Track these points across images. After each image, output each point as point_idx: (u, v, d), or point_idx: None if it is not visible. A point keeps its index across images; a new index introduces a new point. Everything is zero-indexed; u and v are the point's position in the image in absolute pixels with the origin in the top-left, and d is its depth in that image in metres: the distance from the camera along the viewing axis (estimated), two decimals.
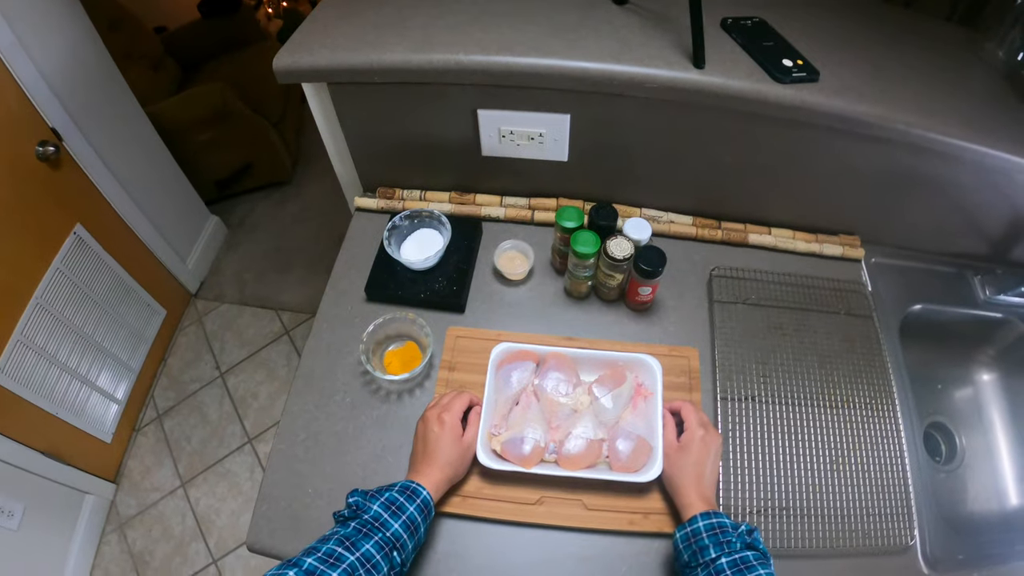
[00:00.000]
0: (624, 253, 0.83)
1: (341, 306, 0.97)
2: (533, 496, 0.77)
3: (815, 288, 0.98)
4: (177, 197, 2.12)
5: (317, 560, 0.57)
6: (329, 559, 0.58)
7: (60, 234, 1.57)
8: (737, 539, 0.63)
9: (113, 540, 1.75)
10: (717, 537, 0.63)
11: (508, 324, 0.94)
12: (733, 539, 0.63)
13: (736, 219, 1.05)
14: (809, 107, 0.81)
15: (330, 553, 0.58)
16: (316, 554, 0.58)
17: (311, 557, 0.58)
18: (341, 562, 0.58)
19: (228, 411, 1.97)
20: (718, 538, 0.63)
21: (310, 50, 0.87)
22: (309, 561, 0.57)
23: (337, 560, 0.58)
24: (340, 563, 0.57)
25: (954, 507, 1.00)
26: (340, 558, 0.58)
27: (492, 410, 0.80)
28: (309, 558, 0.57)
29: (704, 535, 0.64)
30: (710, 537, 0.63)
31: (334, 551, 0.59)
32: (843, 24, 0.97)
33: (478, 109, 0.91)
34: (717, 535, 0.63)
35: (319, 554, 0.58)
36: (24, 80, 1.41)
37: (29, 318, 1.46)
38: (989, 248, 1.04)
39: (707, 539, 0.63)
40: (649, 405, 0.79)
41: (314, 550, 0.59)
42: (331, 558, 0.58)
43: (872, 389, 0.89)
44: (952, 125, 0.83)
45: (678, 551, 0.66)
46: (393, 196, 1.08)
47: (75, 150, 1.59)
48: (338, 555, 0.58)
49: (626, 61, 0.82)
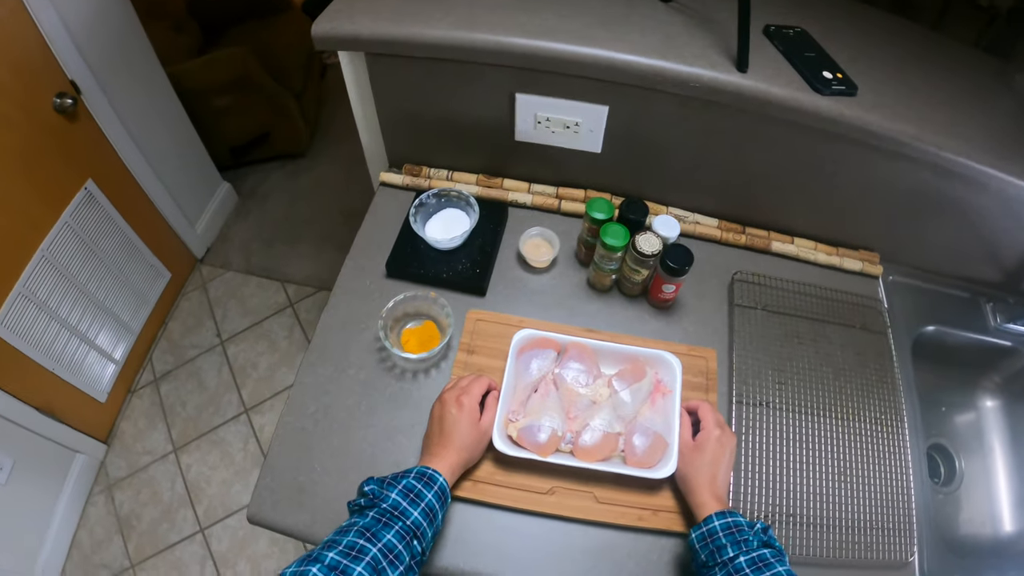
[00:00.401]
0: (653, 249, 0.83)
1: (359, 280, 0.96)
2: (545, 485, 0.77)
3: (833, 301, 0.98)
4: (191, 161, 2.10)
5: (339, 554, 0.55)
6: (351, 552, 0.56)
7: (71, 188, 1.55)
8: (754, 537, 0.63)
9: (100, 501, 1.74)
10: (734, 536, 0.63)
11: (529, 311, 0.93)
12: (750, 537, 0.63)
13: (760, 225, 1.05)
14: (846, 120, 0.82)
15: (352, 546, 0.57)
16: (337, 548, 0.56)
17: (332, 551, 0.56)
18: (364, 555, 0.56)
19: (226, 379, 1.95)
20: (735, 537, 0.63)
21: (351, 17, 0.86)
22: (331, 556, 0.55)
23: (360, 553, 0.56)
24: (363, 556, 0.56)
25: (950, 529, 1.01)
26: (363, 550, 0.56)
27: (510, 396, 0.79)
28: (331, 552, 0.55)
29: (721, 534, 0.64)
30: (727, 536, 0.63)
31: (356, 543, 0.57)
32: (878, 42, 0.98)
33: (516, 93, 0.91)
34: (734, 534, 0.63)
35: (340, 547, 0.56)
36: (47, 29, 1.38)
37: (33, 271, 1.45)
38: (1004, 276, 1.05)
39: (724, 538, 0.63)
40: (667, 402, 0.79)
41: (334, 543, 0.57)
42: (353, 551, 0.56)
43: (882, 405, 0.90)
44: (980, 151, 0.84)
45: (694, 551, 0.66)
46: (419, 174, 1.07)
47: (92, 105, 1.57)
48: (360, 547, 0.56)
49: (671, 58, 0.81)
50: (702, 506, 0.69)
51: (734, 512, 0.67)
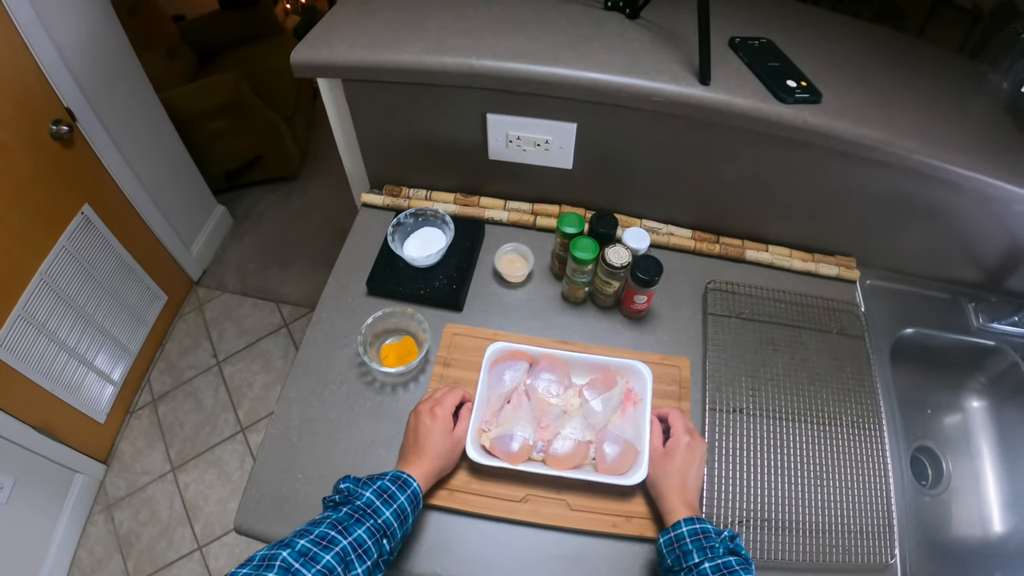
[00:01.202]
0: (622, 261, 0.85)
1: (342, 298, 0.98)
2: (519, 493, 0.78)
3: (809, 307, 0.99)
4: (185, 184, 2.14)
5: (309, 542, 0.57)
6: (322, 541, 0.58)
7: (68, 213, 1.59)
8: (720, 544, 0.64)
9: (100, 521, 1.76)
10: (700, 542, 0.64)
11: (505, 325, 0.95)
12: (716, 544, 0.64)
13: (734, 235, 1.06)
14: (810, 127, 0.83)
15: (323, 536, 0.59)
16: (308, 536, 0.58)
17: (303, 539, 0.58)
18: (334, 545, 0.58)
19: (223, 399, 1.97)
20: (701, 543, 0.64)
21: (328, 46, 0.89)
22: (302, 543, 0.57)
23: (330, 543, 0.58)
24: (333, 546, 0.58)
25: (937, 531, 1.01)
26: (333, 541, 0.58)
27: (484, 406, 0.81)
28: (302, 540, 0.57)
29: (688, 540, 0.65)
30: (693, 542, 0.64)
31: (327, 534, 0.59)
32: (850, 49, 0.99)
33: (487, 113, 0.93)
34: (700, 540, 0.64)
35: (311, 536, 0.58)
36: (42, 57, 1.42)
37: (32, 294, 1.48)
38: (984, 276, 1.05)
39: (690, 544, 0.64)
40: (638, 411, 0.81)
41: (306, 532, 0.59)
42: (323, 540, 0.58)
43: (860, 408, 0.90)
44: (953, 152, 0.84)
45: (661, 556, 0.67)
46: (399, 194, 1.10)
47: (88, 131, 1.61)
48: (331, 538, 0.59)
49: (634, 74, 0.83)
50: (671, 512, 0.70)
51: (703, 519, 0.68)
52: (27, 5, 1.36)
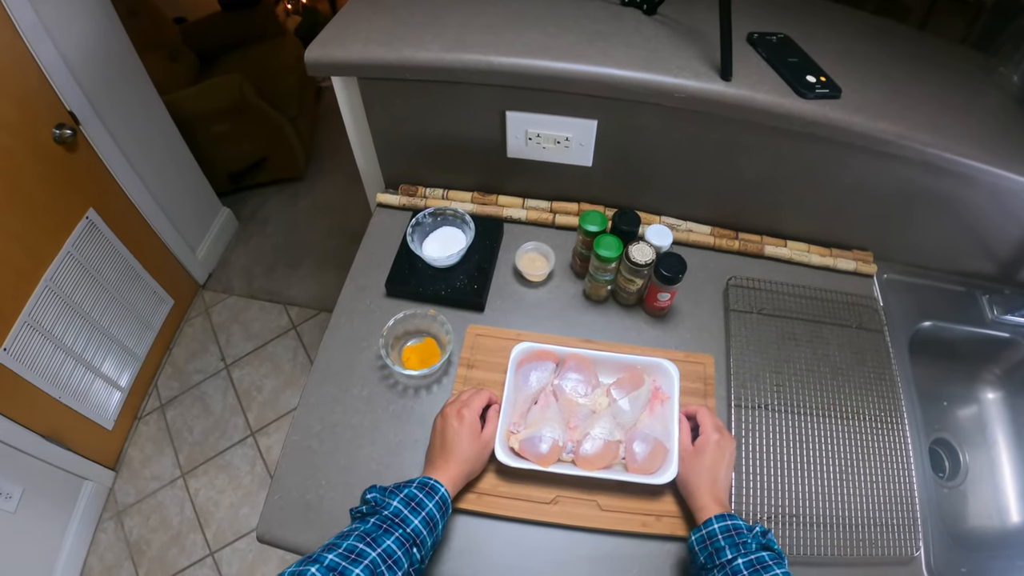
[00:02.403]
0: (646, 258, 0.85)
1: (360, 300, 0.97)
2: (548, 495, 0.78)
3: (828, 301, 0.99)
4: (190, 187, 2.12)
5: (338, 556, 0.56)
6: (351, 555, 0.57)
7: (73, 218, 1.57)
8: (752, 540, 0.63)
9: (110, 528, 1.75)
10: (733, 539, 0.64)
11: (527, 324, 0.94)
12: (748, 540, 0.63)
13: (753, 230, 1.06)
14: (831, 123, 0.83)
15: (351, 549, 0.58)
16: (337, 550, 0.57)
17: (332, 553, 0.57)
18: (363, 558, 0.57)
19: (232, 403, 1.96)
20: (734, 539, 0.64)
21: (342, 44, 0.88)
22: (330, 557, 0.56)
23: (359, 556, 0.57)
24: (362, 559, 0.57)
25: (956, 522, 1.01)
26: (362, 554, 0.57)
27: (511, 408, 0.80)
28: (330, 554, 0.57)
29: (720, 537, 0.64)
30: (726, 539, 0.64)
31: (355, 547, 0.58)
32: (862, 42, 0.99)
33: (506, 111, 0.93)
34: (732, 536, 0.64)
35: (340, 550, 0.57)
36: (44, 62, 1.41)
37: (37, 300, 1.46)
38: (998, 268, 1.05)
39: (723, 540, 0.64)
40: (666, 409, 0.80)
41: (334, 546, 0.58)
42: (352, 554, 0.57)
43: (882, 402, 0.90)
44: (967, 146, 0.85)
45: (693, 553, 0.67)
46: (415, 194, 1.09)
47: (91, 135, 1.59)
48: (360, 551, 0.58)
49: (656, 70, 0.83)
50: (703, 509, 0.70)
51: (734, 515, 0.67)
52: (29, 9, 1.35)
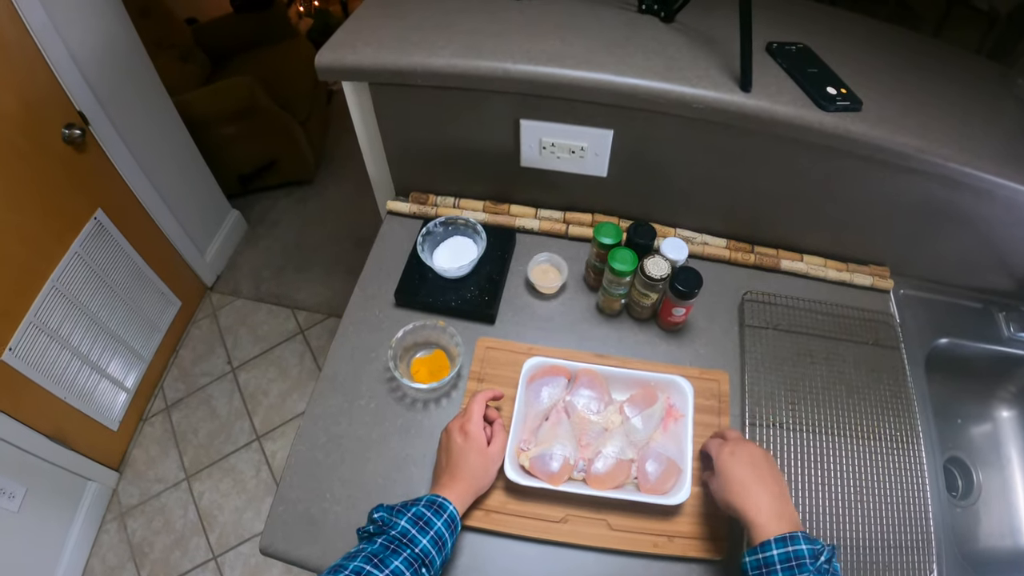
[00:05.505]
0: (661, 273, 0.83)
1: (368, 310, 0.96)
2: (558, 514, 0.76)
3: (844, 317, 0.97)
4: (199, 189, 2.12)
5: None
6: None
7: (81, 218, 1.57)
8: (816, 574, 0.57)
9: (113, 529, 1.74)
10: (793, 572, 0.57)
11: (538, 338, 0.93)
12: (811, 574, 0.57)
13: (769, 244, 1.04)
14: (852, 136, 0.81)
15: (358, 571, 0.57)
16: (343, 572, 0.56)
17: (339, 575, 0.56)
18: None
19: (238, 407, 1.95)
20: (794, 572, 0.57)
21: (353, 48, 0.87)
22: None
23: None
24: None
25: (968, 542, 0.99)
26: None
27: (521, 424, 0.79)
28: None
29: (778, 566, 0.58)
30: (785, 570, 0.57)
31: (362, 569, 0.57)
32: (880, 52, 0.97)
33: (521, 119, 0.91)
34: (793, 569, 0.57)
35: (346, 572, 0.56)
36: (54, 61, 1.41)
37: (44, 300, 1.46)
38: (1016, 285, 1.03)
39: (781, 572, 0.58)
40: (680, 427, 0.79)
41: (341, 568, 0.57)
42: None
43: (897, 422, 0.88)
44: (987, 160, 0.83)
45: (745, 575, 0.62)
46: (426, 202, 1.07)
47: (101, 135, 1.59)
48: (367, 573, 0.56)
49: (674, 80, 0.81)
50: (758, 527, 0.62)
51: (797, 537, 0.59)
52: (40, 9, 1.35)
